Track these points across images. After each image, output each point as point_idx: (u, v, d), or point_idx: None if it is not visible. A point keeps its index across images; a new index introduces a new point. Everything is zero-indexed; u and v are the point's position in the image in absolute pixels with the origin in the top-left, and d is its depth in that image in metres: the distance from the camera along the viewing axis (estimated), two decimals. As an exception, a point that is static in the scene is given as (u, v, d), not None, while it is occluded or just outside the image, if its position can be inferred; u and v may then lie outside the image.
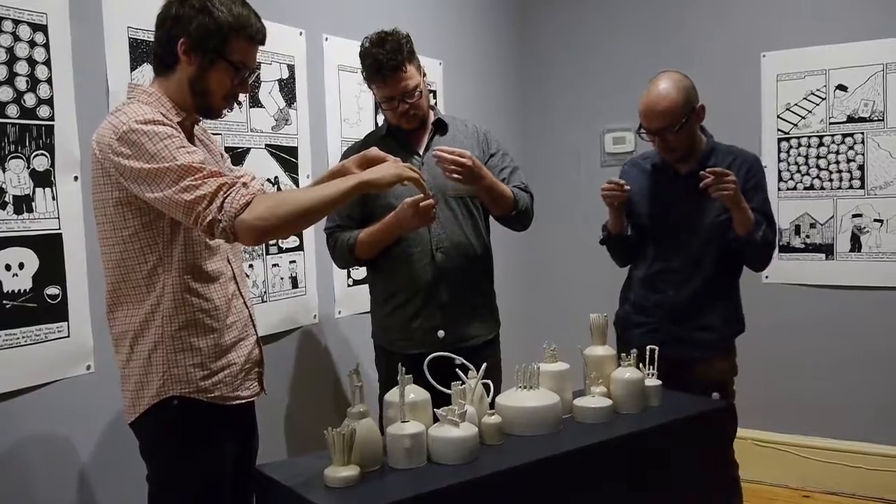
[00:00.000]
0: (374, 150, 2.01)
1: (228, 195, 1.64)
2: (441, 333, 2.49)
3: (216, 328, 1.81)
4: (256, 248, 2.76)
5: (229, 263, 1.88)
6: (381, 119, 3.24)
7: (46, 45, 2.12)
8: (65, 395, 2.16)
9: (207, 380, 1.79)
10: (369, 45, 2.43)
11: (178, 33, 1.74)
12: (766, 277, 3.60)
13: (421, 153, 2.54)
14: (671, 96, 2.43)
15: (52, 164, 2.13)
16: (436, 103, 3.56)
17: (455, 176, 2.32)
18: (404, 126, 2.51)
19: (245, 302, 1.93)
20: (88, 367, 2.21)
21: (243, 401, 1.89)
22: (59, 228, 2.15)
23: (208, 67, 1.76)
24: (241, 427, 1.92)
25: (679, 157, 2.55)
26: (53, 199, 2.13)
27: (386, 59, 2.38)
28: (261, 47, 1.85)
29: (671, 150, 2.52)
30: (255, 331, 1.96)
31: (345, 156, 2.55)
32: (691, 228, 2.56)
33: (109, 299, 1.80)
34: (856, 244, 3.53)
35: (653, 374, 2.20)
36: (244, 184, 1.71)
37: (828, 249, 3.59)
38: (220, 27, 1.74)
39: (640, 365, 2.18)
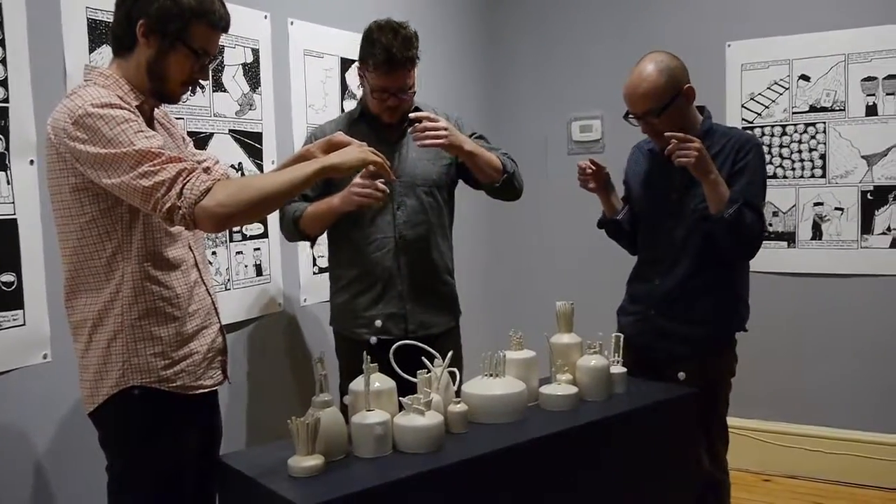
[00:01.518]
0: (339, 135, 1.99)
1: (188, 181, 1.60)
2: (402, 321, 2.48)
3: (178, 316, 1.78)
4: (220, 234, 2.72)
5: (191, 250, 1.85)
6: (347, 105, 3.21)
7: (0, 25, 2.05)
8: (20, 385, 2.12)
9: (169, 369, 1.76)
10: (379, 31, 2.36)
11: (138, 14, 1.69)
12: (730, 265, 3.64)
13: (392, 141, 2.52)
14: (652, 78, 2.32)
15: (7, 148, 2.07)
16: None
17: (436, 142, 2.30)
18: (386, 119, 2.48)
19: (208, 290, 1.90)
20: (45, 356, 2.17)
21: (206, 390, 1.86)
22: (14, 214, 2.09)
23: (168, 51, 1.71)
24: (203, 416, 1.90)
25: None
26: (8, 183, 2.08)
27: (399, 52, 2.34)
28: (227, 32, 1.81)
29: (657, 135, 2.36)
30: (219, 319, 1.93)
31: (309, 139, 2.52)
32: (677, 214, 2.43)
33: (68, 287, 1.76)
34: (817, 232, 3.58)
35: (618, 362, 2.21)
36: (206, 169, 1.68)
37: (790, 237, 3.64)
38: (182, 11, 1.69)
39: (606, 352, 2.19)
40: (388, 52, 2.33)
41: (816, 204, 3.58)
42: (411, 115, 2.35)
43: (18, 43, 2.09)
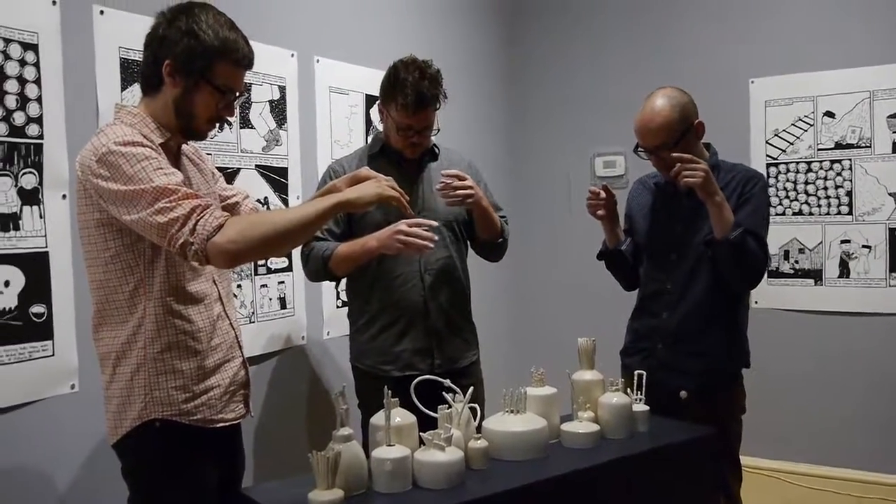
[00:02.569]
0: (365, 170, 2.01)
1: (202, 217, 1.62)
2: (429, 356, 2.49)
3: (199, 350, 1.80)
4: (245, 268, 2.75)
5: (215, 284, 1.87)
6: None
7: (37, 64, 2.12)
8: (48, 415, 2.14)
9: (190, 402, 1.77)
10: (406, 71, 2.40)
11: (164, 54, 1.74)
12: (756, 302, 3.61)
13: (413, 176, 2.54)
14: (665, 113, 2.34)
15: (41, 183, 2.13)
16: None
17: (458, 199, 2.39)
18: (409, 155, 2.52)
19: (231, 323, 1.92)
20: (73, 387, 2.20)
21: (228, 423, 1.87)
22: (46, 247, 2.14)
23: (193, 90, 1.75)
24: (225, 449, 1.91)
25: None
26: (41, 217, 2.13)
27: (428, 91, 2.38)
28: (251, 69, 1.85)
29: (668, 169, 2.36)
30: (242, 352, 1.95)
31: (328, 173, 2.55)
32: (684, 247, 2.44)
33: (95, 319, 1.79)
34: (844, 270, 3.54)
35: (640, 400, 2.20)
36: (233, 205, 1.69)
37: (817, 275, 3.60)
38: (206, 51, 1.73)
39: (628, 390, 2.18)
40: (420, 92, 2.36)
41: (843, 241, 3.54)
42: (444, 171, 2.40)
43: (53, 82, 2.16)
